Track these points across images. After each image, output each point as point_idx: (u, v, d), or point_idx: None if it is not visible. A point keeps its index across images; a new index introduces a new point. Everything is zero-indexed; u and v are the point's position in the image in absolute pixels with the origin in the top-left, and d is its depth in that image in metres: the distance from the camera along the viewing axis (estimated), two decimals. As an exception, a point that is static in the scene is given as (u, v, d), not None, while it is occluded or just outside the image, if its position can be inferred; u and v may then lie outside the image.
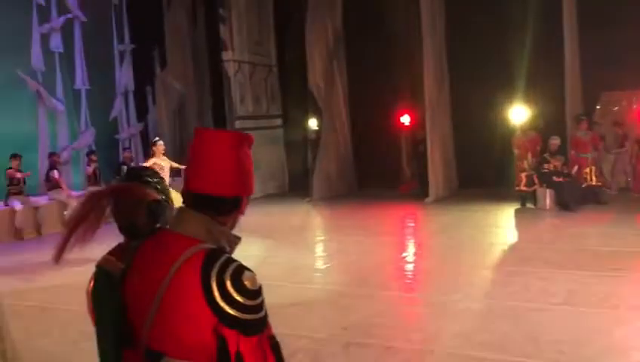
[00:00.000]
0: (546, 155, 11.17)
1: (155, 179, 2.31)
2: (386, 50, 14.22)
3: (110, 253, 2.28)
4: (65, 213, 11.35)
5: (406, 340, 4.99)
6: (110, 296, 1.97)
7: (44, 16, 12.89)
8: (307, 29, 13.80)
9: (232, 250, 1.68)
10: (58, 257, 2.07)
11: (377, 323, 5.42)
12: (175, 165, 9.58)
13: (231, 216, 1.69)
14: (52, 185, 11.53)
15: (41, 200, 11.39)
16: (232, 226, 1.72)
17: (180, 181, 9.15)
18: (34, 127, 12.82)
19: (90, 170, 12.19)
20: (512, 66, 12.71)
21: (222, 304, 1.48)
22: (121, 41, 14.57)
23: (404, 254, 8.31)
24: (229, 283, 1.49)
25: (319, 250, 9.21)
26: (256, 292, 1.53)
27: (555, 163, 11.07)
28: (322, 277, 7.39)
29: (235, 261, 1.56)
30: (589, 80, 11.83)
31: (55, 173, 11.49)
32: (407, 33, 13.82)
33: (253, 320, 1.51)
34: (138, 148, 14.86)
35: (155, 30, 14.74)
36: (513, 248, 8.49)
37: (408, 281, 7.08)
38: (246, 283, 1.50)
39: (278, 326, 5.49)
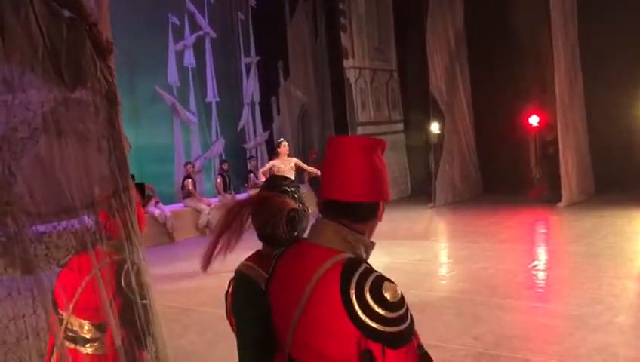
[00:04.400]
0: None
1: (293, 188, 2.37)
2: (510, 49, 13.69)
3: (249, 259, 2.35)
4: (199, 221, 12.05)
5: (542, 353, 4.72)
6: (251, 301, 2.02)
7: (179, 35, 13.79)
8: (428, 32, 13.62)
9: (368, 255, 1.66)
10: (206, 265, 2.18)
11: (509, 335, 5.18)
12: (302, 165, 9.68)
13: (368, 223, 1.66)
14: (186, 193, 12.28)
15: (176, 208, 12.15)
16: (370, 234, 1.69)
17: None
18: (170, 138, 13.71)
19: (221, 178, 12.80)
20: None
21: (363, 317, 1.45)
22: (247, 54, 15.21)
23: (536, 262, 7.87)
24: (368, 296, 1.46)
25: (444, 256, 9.00)
26: (398, 304, 1.47)
27: None
28: (448, 285, 7.20)
29: (374, 271, 1.52)
30: None
31: (189, 183, 12.21)
32: (535, 31, 13.20)
33: (396, 332, 1.46)
34: (264, 156, 15.41)
35: (278, 42, 15.25)
36: (661, 257, 7.78)
37: (542, 291, 6.69)
38: (386, 294, 1.46)
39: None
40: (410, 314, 1.49)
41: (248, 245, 2.19)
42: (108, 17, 1.68)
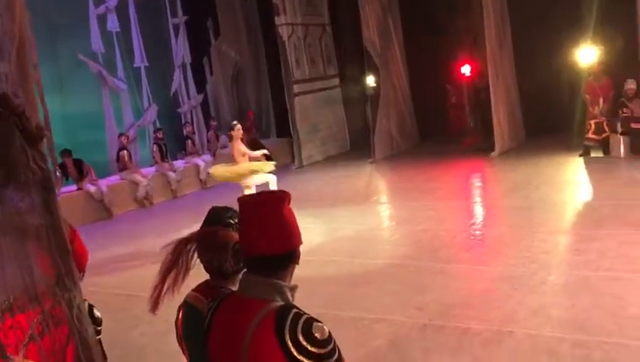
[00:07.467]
0: (623, 99, 10.70)
1: (236, 220, 2.37)
2: (442, 0, 13.75)
3: (197, 289, 2.35)
4: (137, 193, 11.78)
5: (483, 320, 4.96)
6: (200, 332, 2.04)
7: (99, -2, 13.05)
8: (358, -16, 13.45)
9: (294, 297, 1.84)
10: (155, 306, 2.21)
11: (452, 302, 5.41)
12: (251, 154, 8.55)
13: (289, 269, 1.83)
14: (122, 165, 11.93)
15: (112, 181, 11.82)
16: (290, 278, 1.86)
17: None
18: (99, 106, 13.11)
19: (157, 147, 12.45)
20: (579, 4, 12.07)
21: (300, 357, 1.65)
22: (174, 14, 14.59)
23: (474, 220, 8.18)
24: (301, 338, 1.66)
25: (385, 218, 9.17)
26: (327, 341, 1.69)
27: (633, 108, 10.58)
28: (391, 251, 7.34)
29: (302, 315, 1.71)
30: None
31: (125, 155, 11.84)
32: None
33: None
34: (200, 120, 15.08)
35: (206, 0, 14.70)
36: (588, 207, 8.21)
37: (480, 252, 6.98)
38: (316, 335, 1.67)
39: (355, 310, 5.58)
40: (338, 348, 1.70)
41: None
42: (36, 101, 1.61)
